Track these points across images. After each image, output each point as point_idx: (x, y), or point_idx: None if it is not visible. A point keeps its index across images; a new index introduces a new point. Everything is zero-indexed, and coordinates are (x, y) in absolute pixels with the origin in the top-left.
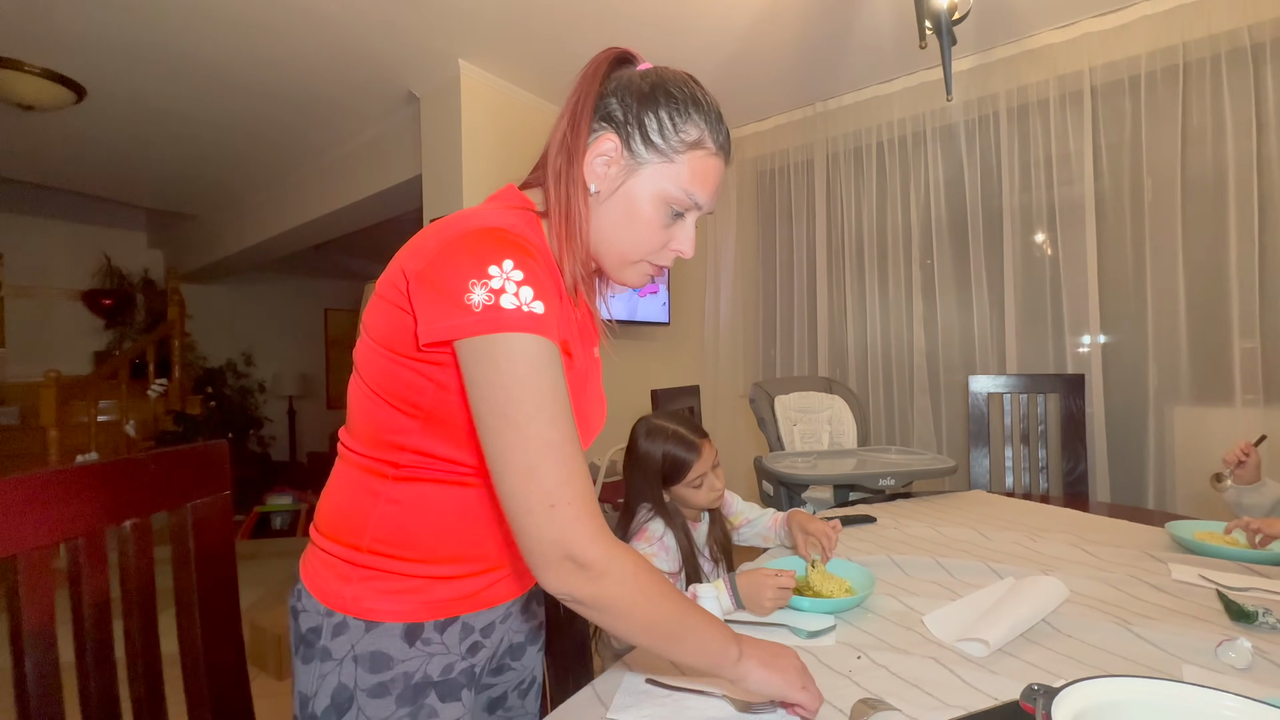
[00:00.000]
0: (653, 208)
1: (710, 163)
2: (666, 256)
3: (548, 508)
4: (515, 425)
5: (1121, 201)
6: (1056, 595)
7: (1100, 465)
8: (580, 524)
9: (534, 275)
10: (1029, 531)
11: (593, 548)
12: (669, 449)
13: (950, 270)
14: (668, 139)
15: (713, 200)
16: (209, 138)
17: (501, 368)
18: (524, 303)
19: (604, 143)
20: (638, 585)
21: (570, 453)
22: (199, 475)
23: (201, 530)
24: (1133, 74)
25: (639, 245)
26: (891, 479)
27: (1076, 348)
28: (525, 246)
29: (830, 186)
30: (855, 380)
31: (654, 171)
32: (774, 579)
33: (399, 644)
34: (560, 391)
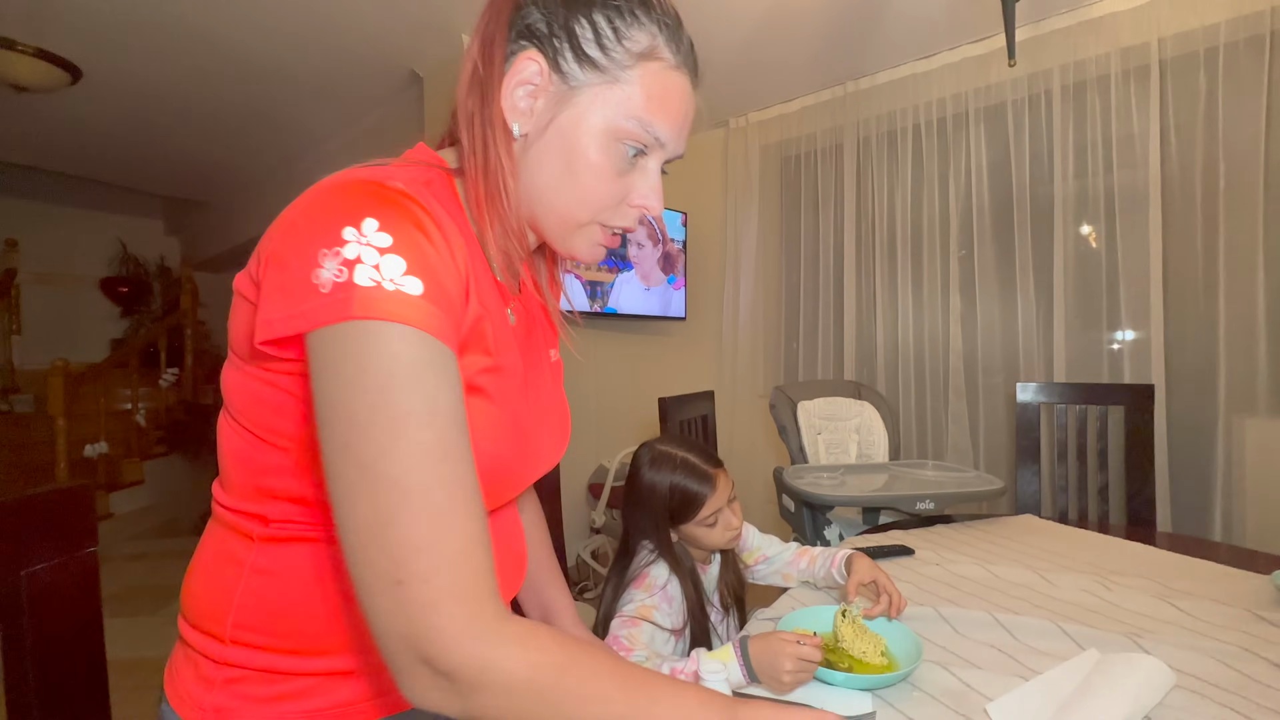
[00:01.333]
0: (598, 147)
1: (671, 79)
2: (626, 215)
3: (393, 584)
4: (360, 462)
5: (1192, 188)
6: (1161, 682)
7: (1160, 486)
8: (438, 611)
9: (409, 240)
10: (1099, 574)
11: (455, 649)
12: (677, 480)
13: (992, 264)
14: (608, 50)
15: (681, 137)
16: (214, 121)
17: (347, 375)
18: (388, 277)
19: (524, 66)
20: (537, 698)
21: (440, 505)
22: (43, 531)
23: (43, 605)
24: (1209, 45)
25: (585, 201)
26: (931, 502)
27: (1138, 350)
28: (404, 203)
29: (860, 172)
30: (885, 384)
31: (594, 97)
32: (795, 646)
33: None
34: (440, 413)
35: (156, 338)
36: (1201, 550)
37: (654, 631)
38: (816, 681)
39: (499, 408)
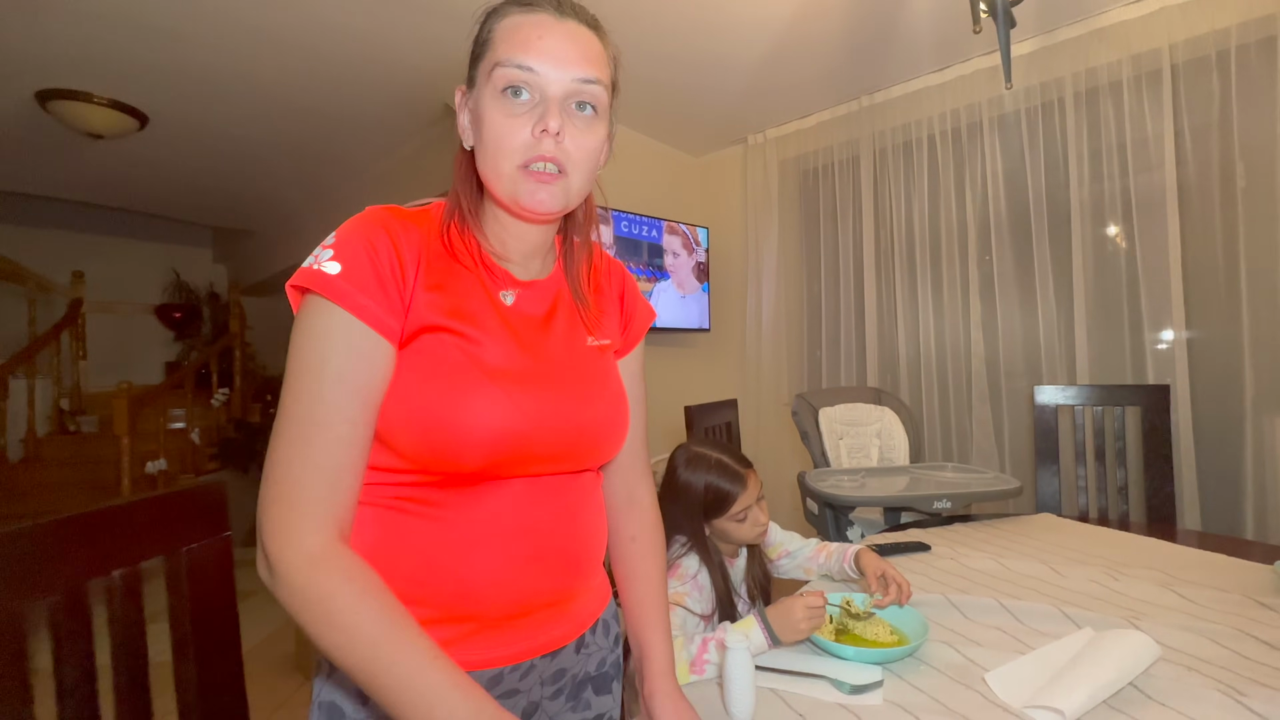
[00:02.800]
0: (491, 105)
1: (517, 19)
2: (535, 145)
3: (264, 480)
4: (283, 391)
5: (1209, 188)
6: (1147, 654)
7: (1188, 487)
8: (275, 510)
9: (346, 241)
10: (1109, 567)
11: (274, 540)
12: (711, 480)
13: (1011, 269)
14: (479, 44)
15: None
16: (262, 157)
17: (293, 332)
18: (317, 263)
19: (460, 97)
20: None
21: (311, 438)
22: (194, 518)
23: (197, 575)
24: (1221, 48)
25: (501, 149)
26: (948, 501)
27: (1160, 350)
28: (366, 219)
29: (878, 183)
30: (907, 389)
31: (481, 75)
32: (803, 598)
33: (352, 698)
34: (338, 371)
35: (208, 360)
36: (1227, 547)
37: (685, 616)
38: (831, 656)
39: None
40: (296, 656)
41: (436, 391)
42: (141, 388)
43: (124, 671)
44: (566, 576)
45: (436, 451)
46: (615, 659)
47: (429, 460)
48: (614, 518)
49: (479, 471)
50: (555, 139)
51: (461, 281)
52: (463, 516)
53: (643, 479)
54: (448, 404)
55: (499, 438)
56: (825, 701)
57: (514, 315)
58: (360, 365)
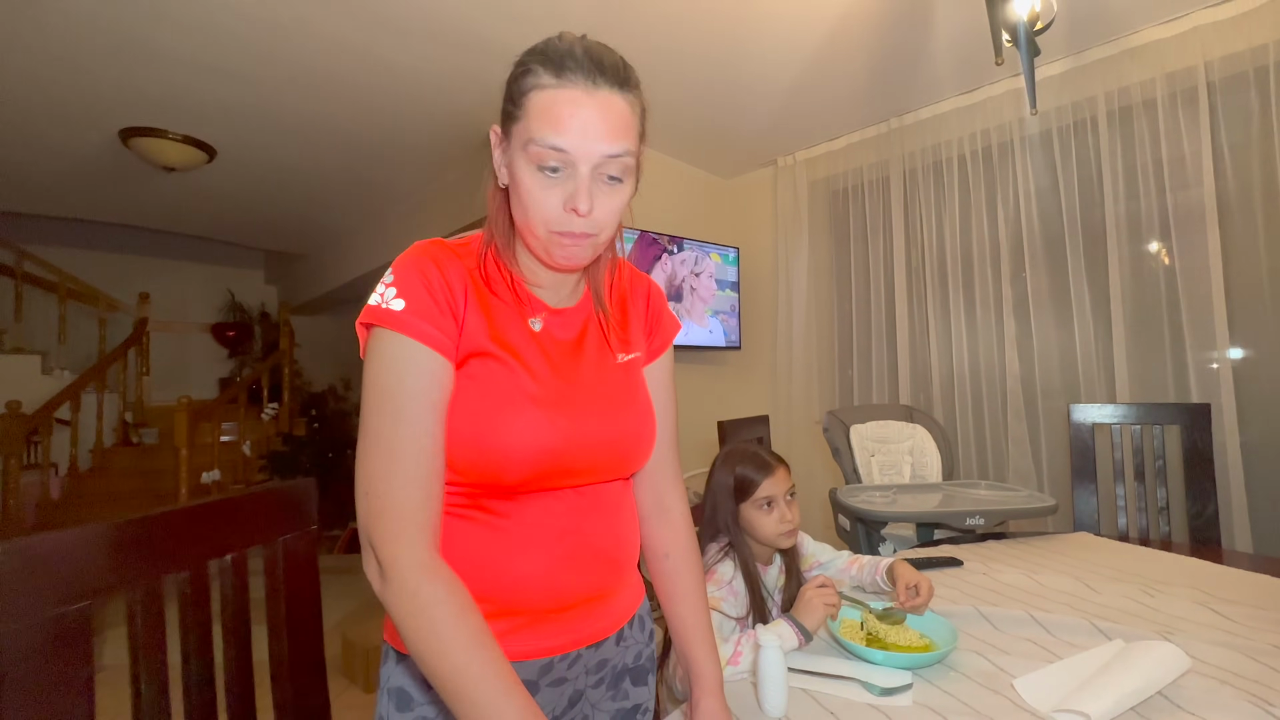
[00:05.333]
0: (525, 172)
1: (549, 95)
2: (566, 220)
3: (364, 495)
4: (363, 416)
5: (1251, 203)
6: (1176, 664)
7: (1238, 508)
8: (383, 519)
9: (403, 277)
10: (1145, 584)
11: (385, 545)
12: (741, 466)
13: (1046, 287)
14: (515, 100)
15: (582, 136)
16: (315, 186)
17: (366, 363)
18: (384, 301)
19: (493, 138)
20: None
21: (401, 452)
22: (288, 512)
23: (290, 562)
24: (1258, 65)
25: (532, 216)
26: (981, 518)
27: (1204, 369)
28: (417, 254)
29: (908, 203)
30: (941, 408)
31: (516, 137)
32: (813, 588)
33: (420, 683)
34: (409, 392)
35: (259, 376)
36: (1277, 569)
37: (721, 620)
38: (862, 661)
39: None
40: (343, 660)
41: (483, 414)
42: (199, 402)
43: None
44: (605, 574)
45: (483, 468)
46: (650, 653)
47: (477, 475)
48: (646, 527)
49: (521, 484)
50: (585, 216)
51: (499, 310)
52: (510, 523)
53: (673, 486)
54: (492, 426)
55: (539, 456)
56: (856, 702)
57: (545, 340)
58: (433, 384)
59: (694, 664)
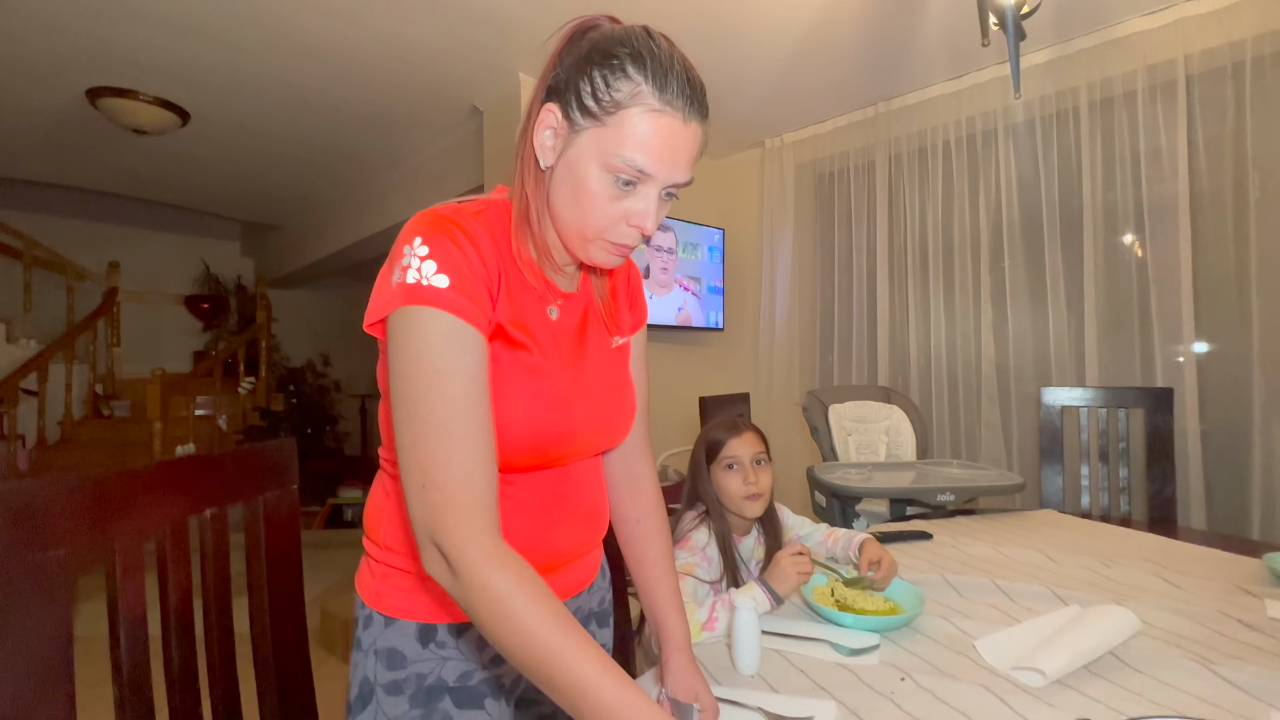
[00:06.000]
0: (594, 178)
1: (651, 121)
2: (626, 234)
3: (420, 487)
4: (408, 400)
5: (1222, 198)
6: (1127, 626)
7: (1195, 489)
8: (446, 511)
9: (442, 250)
10: (1103, 557)
11: (451, 540)
12: (713, 431)
13: (1023, 275)
14: (600, 100)
15: (670, 166)
16: (294, 154)
17: (400, 342)
18: (425, 276)
19: (546, 115)
20: (498, 607)
21: (459, 437)
22: (270, 471)
23: (271, 520)
24: (1236, 60)
25: (588, 220)
26: (951, 494)
27: (1170, 358)
28: (446, 224)
29: (893, 189)
30: (918, 391)
31: (591, 137)
32: (788, 555)
33: (413, 644)
34: (462, 372)
35: (235, 350)
36: (1232, 546)
37: (695, 584)
38: (832, 624)
39: (532, 378)
40: (322, 632)
41: (499, 395)
42: (172, 375)
43: (211, 593)
44: (587, 534)
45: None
46: (609, 598)
47: None
48: (617, 496)
49: (517, 465)
50: (646, 236)
51: (523, 293)
52: (516, 494)
53: (644, 458)
54: (506, 409)
55: (543, 442)
56: (825, 661)
57: (559, 329)
58: (482, 365)
59: (663, 623)
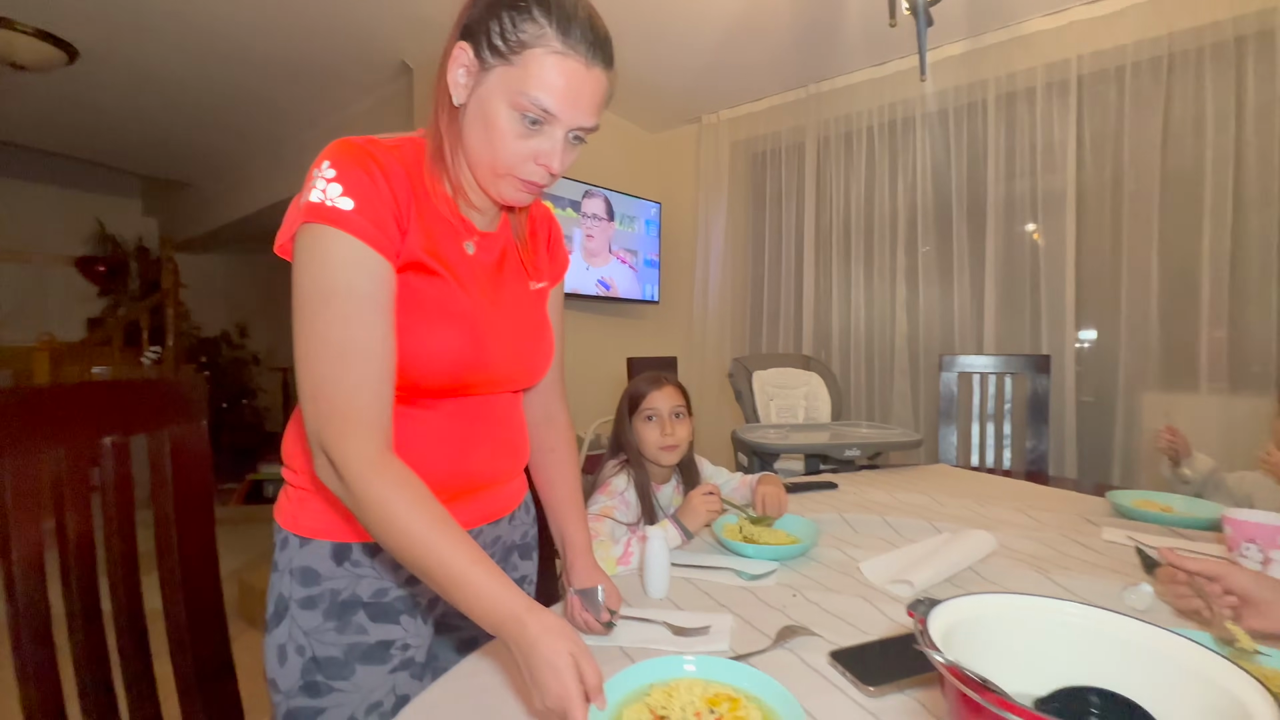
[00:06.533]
0: (503, 115)
1: (554, 63)
2: (534, 171)
3: (311, 399)
4: (304, 316)
5: (1102, 192)
6: (985, 547)
7: (1069, 446)
8: (333, 422)
9: (349, 175)
10: (979, 499)
11: (338, 447)
12: (635, 385)
13: (934, 256)
14: (508, 40)
15: (573, 108)
16: (203, 104)
17: (301, 259)
18: (329, 198)
19: (460, 54)
20: (380, 509)
21: (350, 354)
22: (177, 404)
23: (180, 455)
24: (1118, 64)
25: (499, 157)
26: (857, 450)
27: (1055, 333)
28: (357, 151)
29: (820, 170)
30: (839, 360)
31: (499, 76)
32: (699, 494)
33: (327, 562)
34: (358, 292)
35: (138, 317)
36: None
37: (613, 526)
38: (736, 555)
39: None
40: (240, 604)
41: (415, 324)
42: (63, 343)
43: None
44: (502, 464)
45: (408, 373)
46: (534, 534)
47: (403, 379)
48: (535, 431)
49: (438, 391)
50: (552, 175)
51: (438, 226)
52: (426, 420)
53: (559, 400)
54: (423, 336)
55: (461, 368)
56: (728, 585)
57: (476, 264)
58: (383, 289)
59: (567, 534)
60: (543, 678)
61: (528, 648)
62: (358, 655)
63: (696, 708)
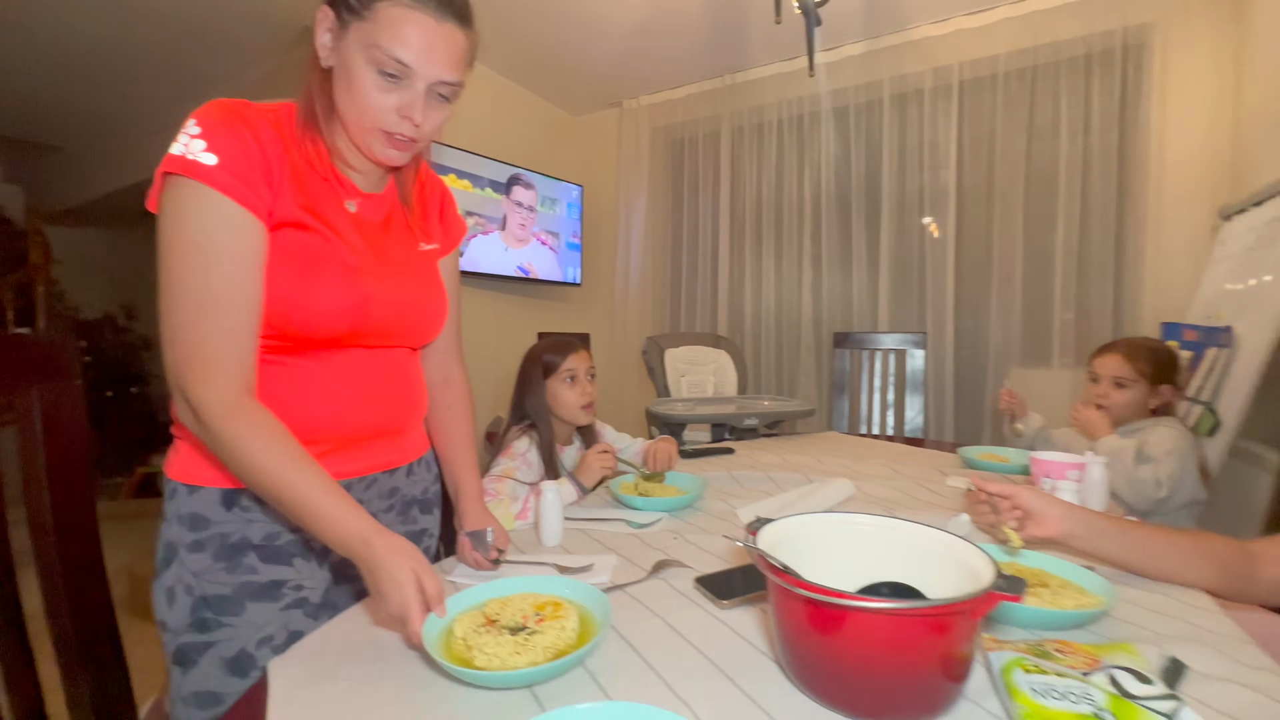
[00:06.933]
0: (362, 70)
1: (402, 16)
2: (398, 124)
3: (170, 344)
4: (166, 267)
5: (979, 189)
6: (845, 491)
7: (948, 414)
8: (191, 366)
9: (213, 132)
10: (855, 458)
11: (195, 391)
12: (549, 352)
13: (836, 244)
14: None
15: (427, 61)
16: (76, 58)
17: (165, 210)
18: (191, 152)
19: (323, 17)
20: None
21: (207, 303)
22: (45, 362)
23: (51, 415)
24: (993, 72)
25: (364, 112)
26: (755, 419)
27: (938, 315)
28: (225, 111)
29: (735, 159)
30: (751, 340)
31: (356, 33)
32: (594, 453)
33: (216, 508)
34: (218, 244)
35: (1, 294)
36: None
37: (514, 485)
38: (628, 508)
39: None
40: (130, 598)
41: (300, 278)
42: None
43: None
44: (394, 417)
45: (298, 324)
46: (436, 490)
47: (290, 330)
48: (433, 392)
49: (329, 341)
50: (416, 126)
51: (315, 186)
52: (315, 370)
53: (457, 362)
54: (309, 289)
55: (350, 317)
56: (619, 533)
57: (359, 221)
58: (245, 242)
59: (460, 482)
60: (385, 589)
61: (374, 565)
62: (249, 593)
63: (525, 612)
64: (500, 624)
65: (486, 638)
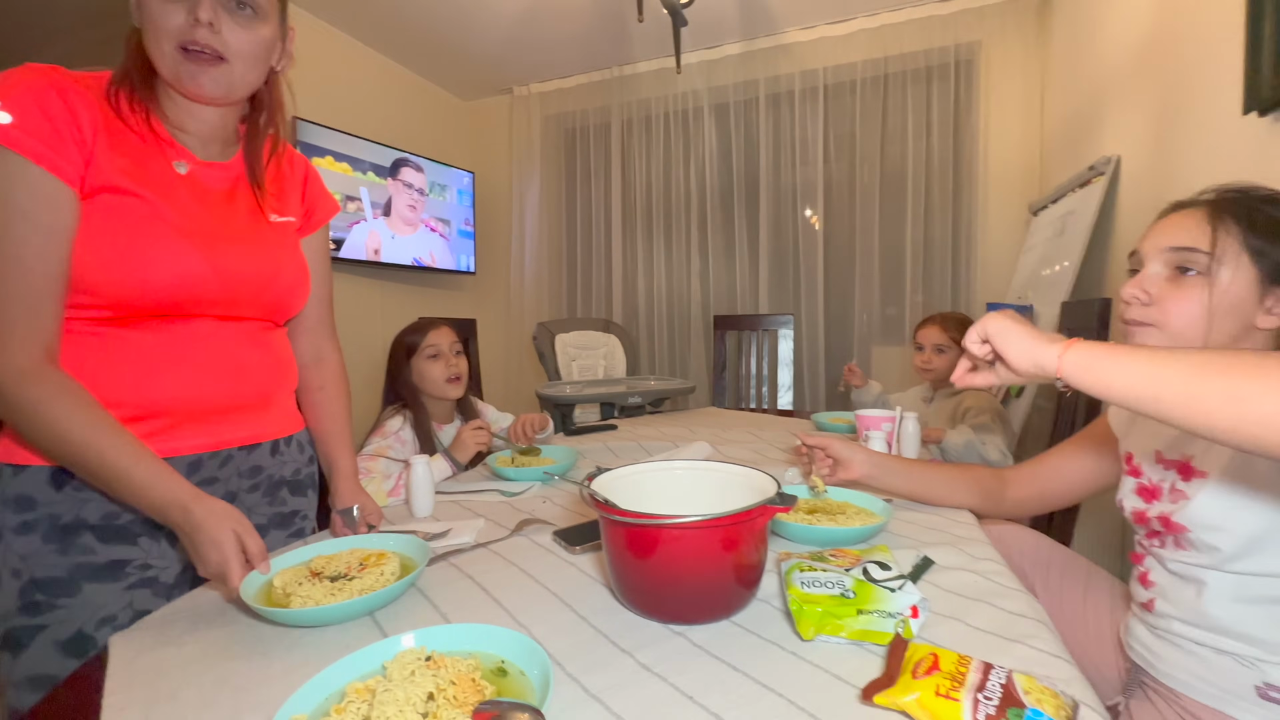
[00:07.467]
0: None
1: None
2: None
3: None
4: None
5: (843, 184)
6: (703, 452)
7: (821, 388)
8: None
9: (14, 94)
10: (724, 428)
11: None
12: (410, 333)
13: (721, 233)
14: None
15: None
16: None
17: None
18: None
19: None
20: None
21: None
22: None
23: None
24: (853, 78)
25: (158, 36)
26: (639, 397)
27: (810, 299)
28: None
29: (625, 149)
30: (644, 325)
31: None
32: (468, 429)
33: (45, 488)
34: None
35: None
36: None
37: (388, 464)
38: (502, 480)
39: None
40: None
41: (125, 244)
42: None
43: None
44: (250, 391)
45: (127, 291)
46: (310, 472)
47: (121, 297)
48: (305, 373)
49: (165, 308)
50: (209, 29)
51: (136, 149)
52: (155, 341)
53: (329, 341)
54: (135, 254)
55: (183, 284)
56: (491, 502)
57: (192, 184)
58: (45, 206)
59: (334, 461)
60: (205, 552)
61: (193, 530)
62: (85, 574)
63: (349, 565)
64: (324, 576)
65: (306, 586)
